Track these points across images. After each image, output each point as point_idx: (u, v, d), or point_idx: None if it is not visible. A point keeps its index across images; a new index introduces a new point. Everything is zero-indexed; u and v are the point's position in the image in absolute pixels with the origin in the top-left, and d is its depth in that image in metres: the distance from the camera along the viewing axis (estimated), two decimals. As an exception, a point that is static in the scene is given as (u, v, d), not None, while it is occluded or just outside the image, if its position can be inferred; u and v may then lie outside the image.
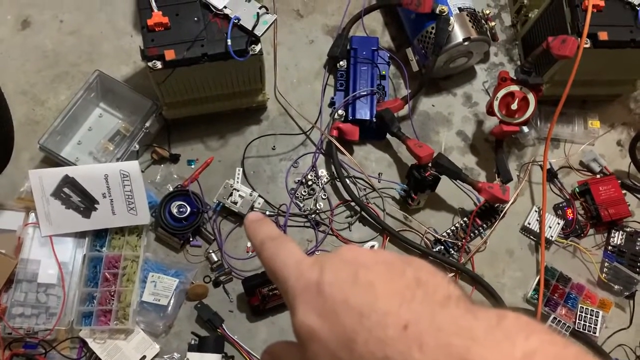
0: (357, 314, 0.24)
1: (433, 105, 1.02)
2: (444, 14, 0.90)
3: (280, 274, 0.29)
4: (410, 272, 0.26)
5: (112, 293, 0.83)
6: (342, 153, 0.92)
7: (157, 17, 0.79)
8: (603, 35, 0.84)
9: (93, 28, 1.01)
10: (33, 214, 0.85)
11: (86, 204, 0.84)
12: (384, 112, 0.93)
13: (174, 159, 0.93)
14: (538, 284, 0.88)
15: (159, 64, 0.78)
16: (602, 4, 0.85)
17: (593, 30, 0.84)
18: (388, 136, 0.98)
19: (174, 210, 0.88)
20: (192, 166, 0.94)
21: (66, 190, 0.83)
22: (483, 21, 0.96)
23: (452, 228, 0.92)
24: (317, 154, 0.96)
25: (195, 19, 0.80)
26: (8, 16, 1.01)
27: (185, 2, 0.81)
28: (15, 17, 1.01)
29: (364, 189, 0.95)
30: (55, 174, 0.83)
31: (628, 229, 0.93)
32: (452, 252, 0.91)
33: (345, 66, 0.99)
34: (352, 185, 0.93)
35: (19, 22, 1.01)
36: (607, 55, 0.86)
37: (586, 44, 0.83)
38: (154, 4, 0.79)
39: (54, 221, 0.83)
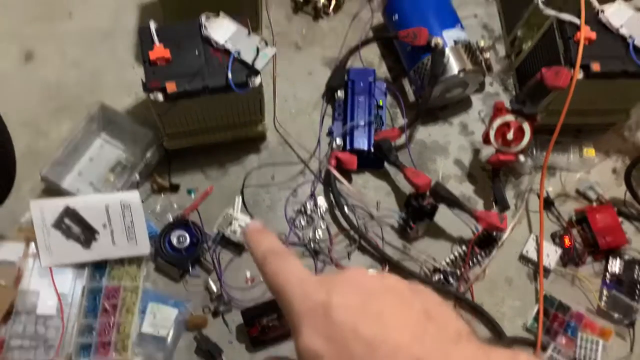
0: (366, 344, 0.24)
1: (430, 135, 1.03)
2: (439, 46, 0.92)
3: (284, 292, 0.28)
4: (418, 303, 0.26)
5: (112, 324, 0.83)
6: (341, 182, 0.93)
7: (159, 50, 0.80)
8: (595, 67, 0.86)
9: (96, 61, 1.03)
10: (33, 245, 0.85)
11: (87, 234, 0.84)
12: (381, 142, 0.95)
13: (174, 188, 0.94)
14: (538, 312, 0.88)
15: (160, 97, 0.80)
16: (594, 36, 0.87)
17: (585, 61, 0.85)
18: (386, 165, 0.99)
19: (174, 241, 0.88)
20: (192, 196, 0.95)
21: (67, 221, 0.84)
22: (478, 53, 0.98)
23: (451, 257, 0.93)
24: (315, 183, 0.97)
25: (197, 52, 0.82)
26: (12, 49, 1.03)
27: (187, 36, 0.83)
28: (19, 50, 1.03)
29: (363, 218, 0.95)
30: (56, 205, 0.84)
31: (626, 257, 0.93)
32: (452, 281, 0.91)
33: (343, 97, 1.01)
34: (350, 214, 0.94)
35: (22, 54, 1.03)
36: (600, 86, 0.88)
37: (579, 75, 0.85)
38: (156, 38, 0.81)
39: (54, 252, 0.84)
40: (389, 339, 0.24)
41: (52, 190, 0.90)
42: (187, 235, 0.88)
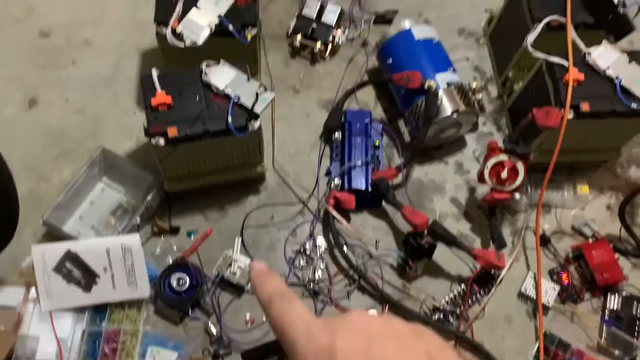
0: None
1: (426, 174, 1.05)
2: (432, 88, 0.95)
3: (288, 335, 0.29)
4: (421, 345, 0.26)
5: (111, 369, 0.82)
6: (339, 221, 0.94)
7: (161, 97, 0.83)
8: (585, 107, 0.88)
9: (98, 106, 1.06)
10: (33, 289, 0.85)
11: (87, 278, 0.85)
12: (378, 181, 0.96)
13: (174, 231, 0.95)
14: (538, 350, 0.88)
15: (162, 141, 0.81)
16: (582, 77, 0.90)
17: (575, 102, 0.88)
18: (384, 204, 1.00)
19: (174, 283, 0.88)
20: (192, 238, 0.96)
21: (68, 265, 0.84)
22: (470, 94, 1.01)
23: (450, 295, 0.93)
24: (314, 223, 0.98)
25: (197, 98, 0.84)
26: (16, 96, 1.06)
27: (188, 83, 0.85)
28: (23, 97, 1.06)
29: (362, 257, 0.96)
30: (57, 249, 0.84)
31: (624, 293, 0.94)
32: (452, 319, 0.91)
33: (341, 138, 1.03)
34: (350, 254, 0.95)
35: (26, 101, 1.05)
36: (590, 125, 0.90)
37: (569, 115, 0.88)
38: (158, 84, 0.84)
39: (55, 296, 0.84)
40: None
41: (53, 234, 0.90)
42: (186, 278, 0.89)
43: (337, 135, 1.03)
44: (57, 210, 0.89)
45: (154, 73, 0.84)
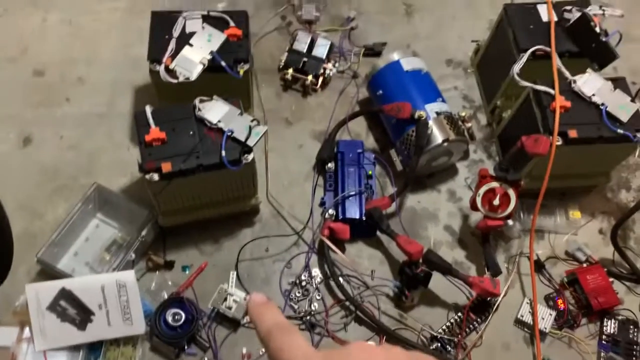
0: None
1: (419, 202, 1.06)
2: (423, 118, 0.96)
3: None
4: None
5: (106, 408, 0.81)
6: (335, 252, 0.94)
7: (155, 132, 0.84)
8: (572, 133, 0.90)
9: (92, 142, 1.06)
10: (27, 329, 0.84)
11: (82, 316, 0.84)
12: (372, 211, 0.97)
13: (169, 266, 0.95)
14: (537, 378, 0.88)
15: (156, 177, 0.82)
16: (569, 104, 0.92)
17: (563, 128, 0.90)
18: (378, 233, 1.00)
19: (169, 319, 0.88)
20: (187, 272, 0.95)
21: (62, 303, 0.84)
22: (460, 122, 1.03)
23: (447, 324, 0.93)
24: (310, 254, 0.98)
25: (191, 132, 0.85)
26: (10, 134, 1.07)
27: (182, 118, 0.86)
28: (17, 135, 1.06)
29: (358, 287, 0.96)
30: (52, 288, 0.84)
31: (620, 317, 0.94)
32: (449, 348, 0.91)
33: (334, 168, 1.04)
34: (345, 284, 0.95)
35: (21, 139, 1.06)
36: (579, 151, 0.92)
37: (558, 141, 0.89)
38: (151, 121, 0.85)
39: (49, 335, 0.83)
40: None
41: (47, 272, 0.90)
42: (182, 313, 0.88)
43: (330, 165, 1.04)
44: (51, 247, 0.89)
45: (148, 109, 0.85)
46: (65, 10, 1.23)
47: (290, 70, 1.13)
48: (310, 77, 1.13)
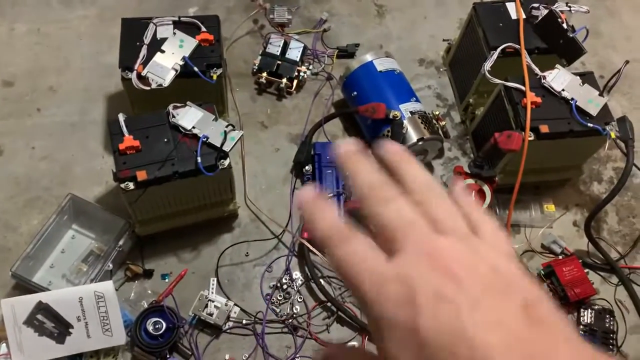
0: None
1: (397, 201, 1.06)
2: (397, 118, 0.97)
3: (357, 289, 0.25)
4: (520, 299, 0.23)
5: (88, 422, 0.80)
6: (314, 254, 0.94)
7: (129, 141, 0.83)
8: (544, 128, 0.92)
9: (65, 152, 1.05)
10: (4, 345, 0.83)
11: (60, 329, 0.83)
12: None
13: (148, 274, 0.94)
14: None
15: (131, 185, 0.81)
16: (540, 100, 0.93)
17: (535, 124, 0.91)
18: (357, 234, 1.01)
19: (150, 328, 0.87)
20: (166, 280, 0.95)
21: (39, 316, 0.82)
22: (434, 121, 1.04)
23: (428, 321, 0.93)
24: (290, 257, 0.98)
25: (166, 140, 0.85)
26: (-20, 147, 1.05)
27: (156, 125, 0.86)
28: (-13, 147, 1.05)
29: (339, 288, 0.96)
30: (28, 301, 0.82)
31: (596, 307, 0.96)
32: (431, 345, 0.92)
33: (311, 170, 1.04)
34: (327, 286, 0.95)
35: (-9, 151, 1.04)
36: (551, 145, 0.94)
37: (530, 137, 0.91)
38: (125, 129, 0.84)
39: (27, 350, 0.81)
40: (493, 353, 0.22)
41: (23, 286, 0.88)
42: (162, 322, 0.87)
43: (308, 168, 1.04)
44: (26, 261, 0.88)
45: (121, 118, 0.84)
46: (33, 19, 1.21)
47: (264, 74, 1.13)
48: (284, 80, 1.13)
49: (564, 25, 0.99)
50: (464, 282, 0.23)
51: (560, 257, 1.01)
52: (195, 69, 0.93)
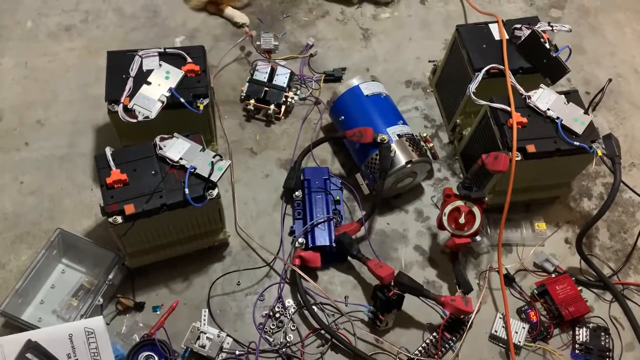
0: None
1: (388, 224, 1.06)
2: (385, 142, 0.97)
3: None
4: None
5: None
6: (307, 280, 0.94)
7: (116, 174, 0.83)
8: (531, 148, 0.92)
9: (53, 186, 1.04)
10: (-7, 385, 0.81)
11: (50, 367, 0.81)
12: (342, 236, 0.97)
13: (139, 307, 0.93)
14: (515, 392, 0.88)
15: (119, 219, 0.81)
16: (525, 120, 0.94)
17: (521, 144, 0.92)
18: (349, 258, 1.00)
19: (142, 362, 0.86)
20: (158, 312, 0.94)
21: (29, 355, 0.81)
22: (422, 143, 1.04)
23: (423, 345, 0.93)
24: (282, 285, 0.98)
25: (153, 172, 0.84)
26: (-32, 183, 1.04)
27: (143, 158, 0.85)
28: (-25, 183, 1.04)
29: (332, 315, 0.95)
30: (17, 340, 0.81)
31: (591, 325, 0.95)
32: (427, 369, 0.91)
33: (301, 196, 1.04)
34: (320, 312, 0.94)
35: (-21, 187, 1.04)
36: (538, 165, 0.94)
37: (517, 157, 0.91)
38: (112, 163, 0.84)
39: (16, 390, 0.80)
40: None
41: (12, 324, 0.87)
42: (155, 355, 0.86)
43: (298, 193, 1.04)
44: (15, 298, 0.87)
45: (108, 152, 0.84)
46: (21, 53, 1.21)
47: (252, 101, 1.14)
48: (272, 107, 1.14)
49: (547, 45, 1.00)
50: None
51: (553, 275, 1.01)
52: (182, 100, 0.93)
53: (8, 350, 0.81)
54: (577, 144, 0.93)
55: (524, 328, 0.94)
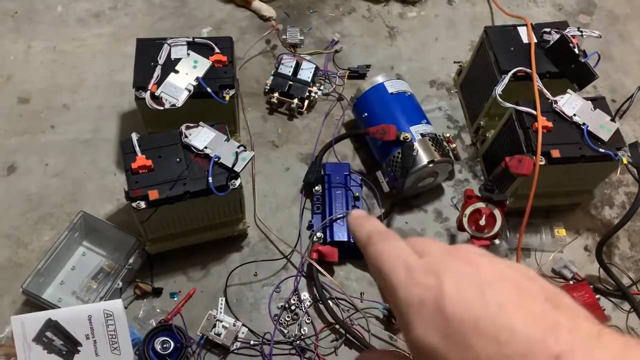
0: (491, 340, 0.22)
1: (406, 222, 1.06)
2: (408, 140, 0.97)
3: (388, 279, 0.26)
4: (539, 291, 0.23)
5: None
6: (323, 275, 0.94)
7: (141, 160, 0.83)
8: (555, 153, 0.91)
9: (77, 169, 1.06)
10: (13, 361, 0.83)
11: (69, 347, 0.83)
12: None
13: (157, 293, 0.94)
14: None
15: (143, 204, 0.82)
16: (551, 124, 0.93)
17: (546, 148, 0.91)
18: (366, 255, 1.00)
19: (158, 347, 0.87)
20: (175, 299, 0.95)
21: (48, 334, 0.83)
22: (445, 143, 1.04)
23: (437, 345, 0.93)
24: (298, 278, 0.98)
25: (178, 159, 0.85)
26: (-6, 163, 1.06)
27: (168, 145, 0.86)
28: (1, 163, 1.06)
29: (348, 310, 0.96)
30: (37, 319, 0.83)
31: (607, 334, 0.94)
32: (440, 369, 0.91)
33: (321, 190, 1.04)
34: (335, 307, 0.94)
35: (5, 168, 1.05)
36: (562, 170, 0.93)
37: (541, 161, 0.90)
38: (137, 148, 0.85)
39: (35, 368, 0.81)
40: (518, 334, 0.22)
41: (33, 302, 0.89)
42: (171, 341, 0.87)
43: (318, 188, 1.04)
44: (36, 277, 0.88)
45: (134, 137, 0.85)
46: (50, 37, 1.23)
47: (276, 94, 1.14)
48: (296, 101, 1.14)
49: (576, 50, 0.99)
50: (481, 268, 0.25)
51: (571, 282, 1.00)
52: (209, 89, 0.94)
53: (28, 327, 0.83)
54: (603, 151, 0.92)
55: (539, 333, 0.93)
